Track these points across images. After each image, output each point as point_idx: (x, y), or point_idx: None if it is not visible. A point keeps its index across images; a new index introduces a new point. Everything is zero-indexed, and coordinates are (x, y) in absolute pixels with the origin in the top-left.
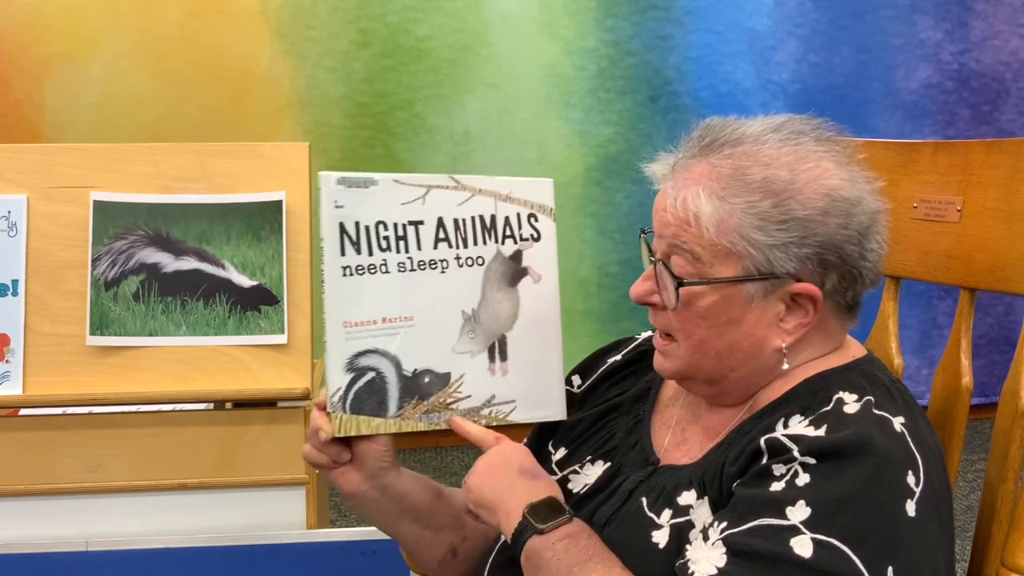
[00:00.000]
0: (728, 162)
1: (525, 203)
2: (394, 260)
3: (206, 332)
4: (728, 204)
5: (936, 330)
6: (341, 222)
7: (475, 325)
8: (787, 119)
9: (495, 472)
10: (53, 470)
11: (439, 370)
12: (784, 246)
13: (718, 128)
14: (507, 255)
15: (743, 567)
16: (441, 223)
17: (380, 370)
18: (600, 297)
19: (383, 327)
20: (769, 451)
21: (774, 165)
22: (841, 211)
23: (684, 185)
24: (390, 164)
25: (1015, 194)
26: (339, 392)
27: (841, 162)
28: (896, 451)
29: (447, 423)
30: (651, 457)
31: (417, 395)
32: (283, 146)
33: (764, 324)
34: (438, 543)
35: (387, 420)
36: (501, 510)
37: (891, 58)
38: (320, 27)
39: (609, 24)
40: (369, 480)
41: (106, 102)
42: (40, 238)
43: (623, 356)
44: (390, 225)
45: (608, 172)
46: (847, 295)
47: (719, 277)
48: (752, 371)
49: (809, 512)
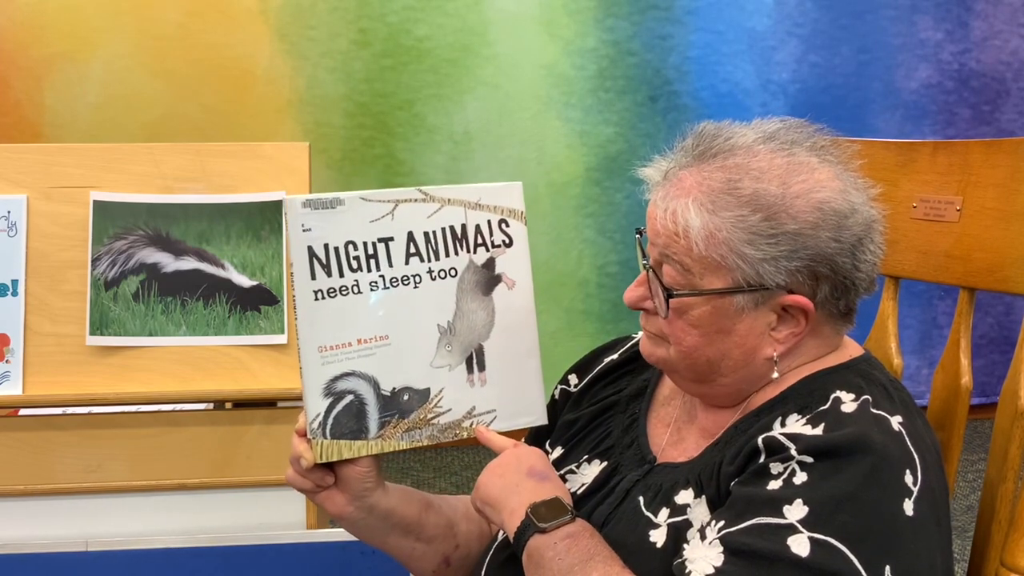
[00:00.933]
0: (719, 174)
1: (495, 209)
2: (366, 280)
3: (206, 332)
4: (718, 218)
5: (936, 330)
6: (309, 245)
7: (451, 338)
8: (781, 126)
9: (504, 472)
10: (53, 470)
11: (418, 386)
12: (774, 260)
13: (710, 137)
14: (480, 264)
15: (740, 566)
16: (411, 237)
17: (358, 392)
18: (600, 297)
19: (359, 348)
20: (766, 450)
21: (765, 178)
22: (832, 224)
23: (674, 196)
24: (390, 164)
25: (1015, 194)
26: (318, 418)
27: (836, 172)
28: (894, 450)
29: (429, 439)
30: (648, 456)
31: (397, 414)
32: (283, 146)
33: (755, 334)
34: (431, 554)
35: (368, 442)
36: (505, 508)
37: (891, 58)
38: (320, 27)
39: (609, 24)
40: (355, 502)
41: (106, 102)
42: (40, 238)
43: (620, 355)
44: (359, 244)
45: (608, 172)
46: (840, 304)
47: (709, 289)
48: (742, 378)
49: (807, 511)
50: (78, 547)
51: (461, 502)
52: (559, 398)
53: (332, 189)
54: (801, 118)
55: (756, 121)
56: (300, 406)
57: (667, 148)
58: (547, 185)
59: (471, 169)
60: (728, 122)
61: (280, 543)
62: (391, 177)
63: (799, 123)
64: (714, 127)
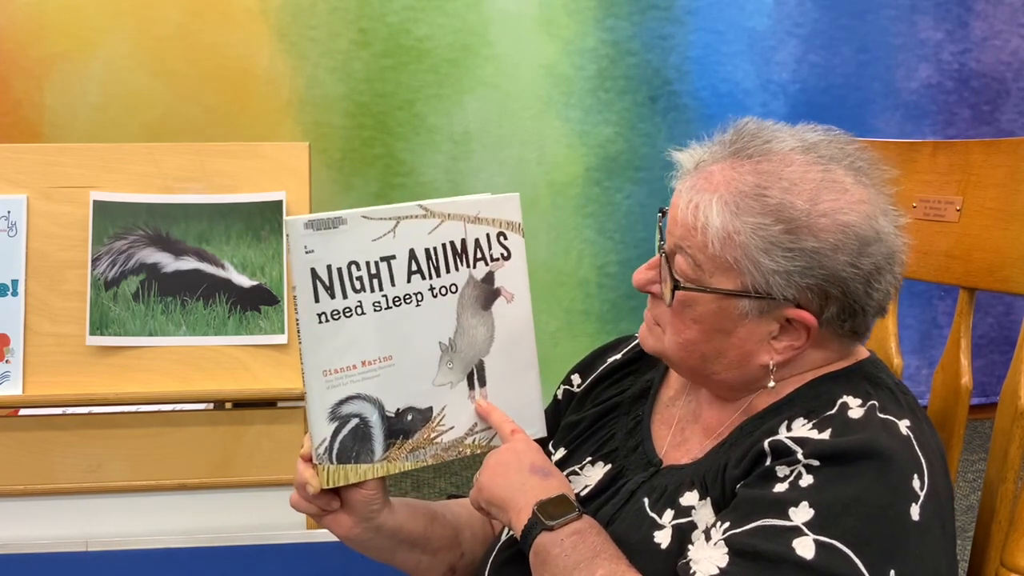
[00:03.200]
0: (750, 177)
1: (494, 222)
2: (369, 300)
3: (206, 332)
4: (739, 220)
5: (936, 330)
6: (313, 267)
7: (453, 355)
8: (824, 138)
9: (506, 470)
10: (53, 470)
11: (421, 406)
12: (787, 273)
13: (750, 135)
14: (479, 278)
15: (745, 567)
16: (413, 255)
17: (363, 415)
18: (600, 297)
19: (363, 371)
20: (773, 453)
21: (795, 190)
22: (853, 249)
23: (701, 189)
24: (390, 164)
25: (1015, 194)
26: (324, 443)
27: (869, 195)
28: (902, 455)
29: (433, 458)
30: (653, 459)
31: (402, 434)
32: (283, 146)
33: (754, 340)
34: (437, 565)
35: (374, 465)
36: (512, 508)
37: (891, 58)
38: (320, 27)
39: (609, 24)
40: (361, 523)
41: (106, 102)
42: (40, 238)
43: (623, 355)
44: (362, 264)
45: (608, 172)
46: (845, 325)
47: (716, 288)
48: (735, 378)
49: (812, 513)
50: (78, 547)
51: (463, 508)
52: (562, 399)
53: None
54: (801, 118)
55: (801, 125)
56: (300, 406)
57: (667, 148)
58: (547, 185)
59: (471, 169)
60: (771, 122)
61: (280, 543)
62: (391, 177)
63: (843, 138)
64: (756, 125)
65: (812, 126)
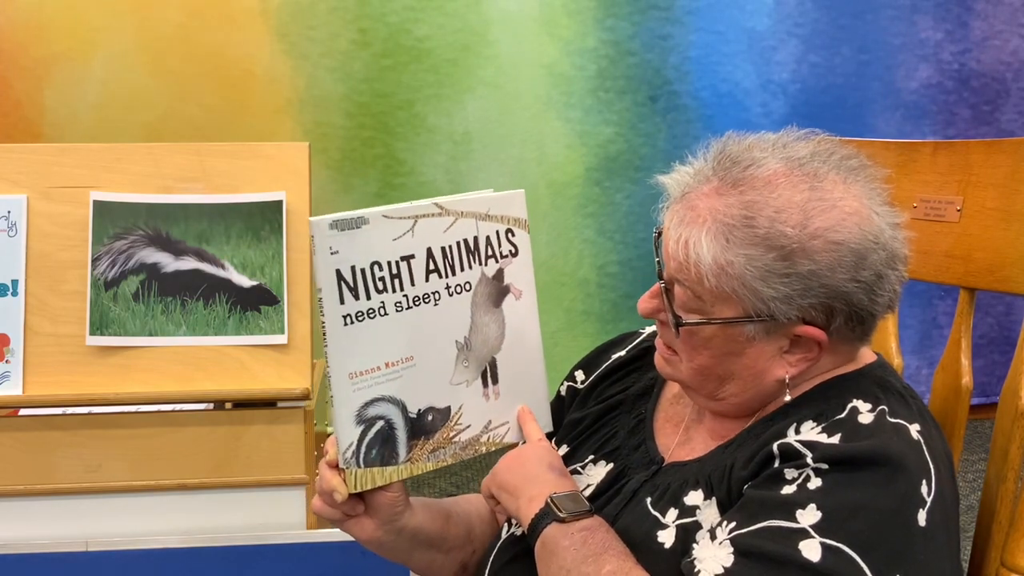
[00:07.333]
0: (735, 210)
1: (503, 219)
2: (391, 301)
3: (206, 332)
4: (730, 252)
5: (936, 330)
6: (338, 269)
7: (468, 353)
8: (809, 151)
9: (525, 461)
10: (53, 470)
11: (440, 405)
12: (787, 297)
13: (731, 160)
14: (490, 276)
15: (750, 567)
16: (430, 254)
17: (388, 417)
18: (600, 297)
19: (387, 372)
20: (781, 456)
21: (782, 217)
22: (850, 264)
23: (689, 222)
24: (390, 164)
25: (1015, 194)
26: (351, 447)
27: (862, 201)
28: (912, 460)
29: (452, 457)
30: (655, 458)
31: (423, 435)
32: (283, 146)
33: (766, 357)
34: (450, 563)
35: (399, 467)
36: (524, 495)
37: (891, 58)
38: (320, 27)
39: (609, 24)
40: (384, 526)
41: (106, 102)
42: (40, 238)
43: (627, 352)
44: (384, 264)
45: (608, 172)
46: (856, 331)
47: (719, 318)
48: (752, 396)
49: (820, 516)
50: (78, 547)
51: (472, 504)
52: (566, 395)
53: (332, 189)
54: (801, 118)
55: (784, 133)
56: (300, 406)
57: (667, 148)
58: (547, 185)
59: (471, 169)
60: (754, 139)
61: (280, 543)
62: (391, 177)
63: (828, 141)
64: (737, 147)
65: (795, 132)
